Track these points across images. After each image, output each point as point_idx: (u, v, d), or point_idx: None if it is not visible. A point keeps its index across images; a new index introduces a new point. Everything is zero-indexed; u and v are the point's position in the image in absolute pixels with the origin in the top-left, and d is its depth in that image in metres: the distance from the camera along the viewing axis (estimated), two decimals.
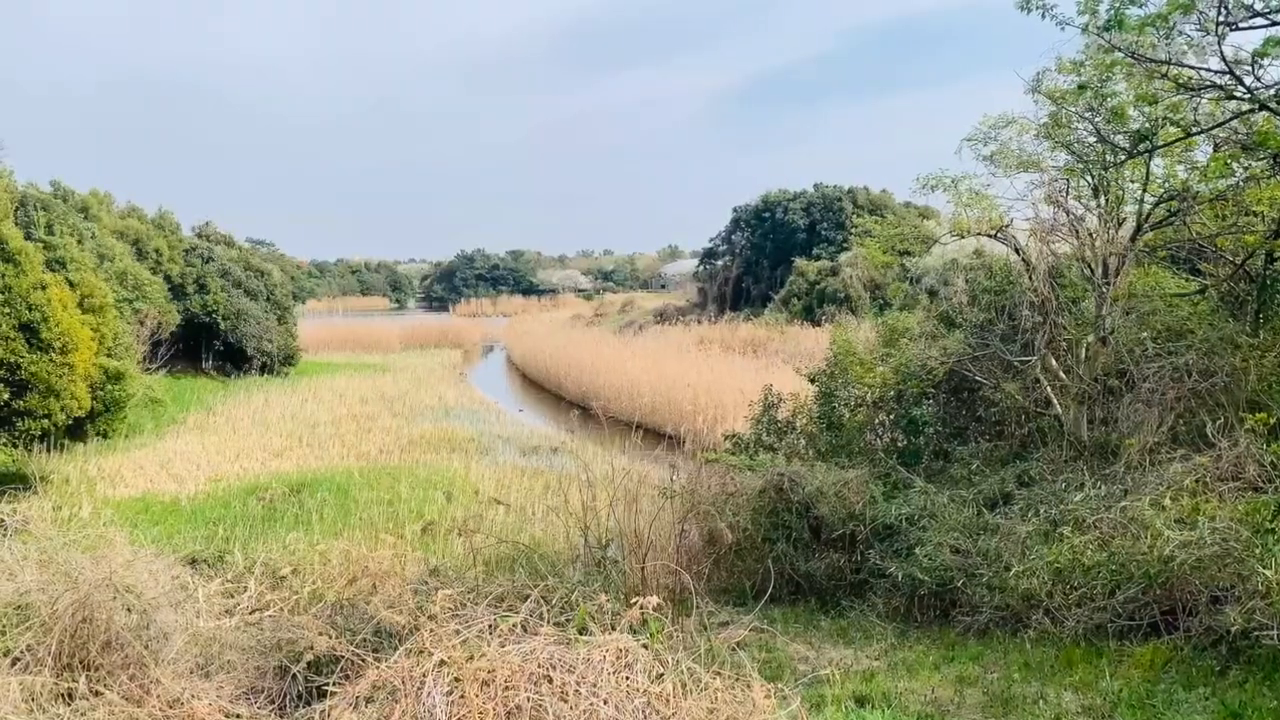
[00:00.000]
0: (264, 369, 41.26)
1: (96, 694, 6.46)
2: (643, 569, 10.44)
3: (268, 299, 43.40)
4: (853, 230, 52.17)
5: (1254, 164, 10.95)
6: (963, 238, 13.36)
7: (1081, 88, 11.25)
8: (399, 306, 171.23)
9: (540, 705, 4.77)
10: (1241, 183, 11.23)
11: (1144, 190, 11.76)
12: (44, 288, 22.55)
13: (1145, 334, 11.38)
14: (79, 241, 30.03)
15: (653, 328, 59.40)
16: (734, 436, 15.49)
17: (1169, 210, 11.82)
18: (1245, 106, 10.07)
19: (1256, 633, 6.86)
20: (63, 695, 6.49)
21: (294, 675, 6.74)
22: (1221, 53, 9.49)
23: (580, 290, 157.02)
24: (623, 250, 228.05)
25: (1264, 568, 7.06)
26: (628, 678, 4.97)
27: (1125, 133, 11.29)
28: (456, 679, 4.92)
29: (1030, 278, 12.31)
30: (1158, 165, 11.78)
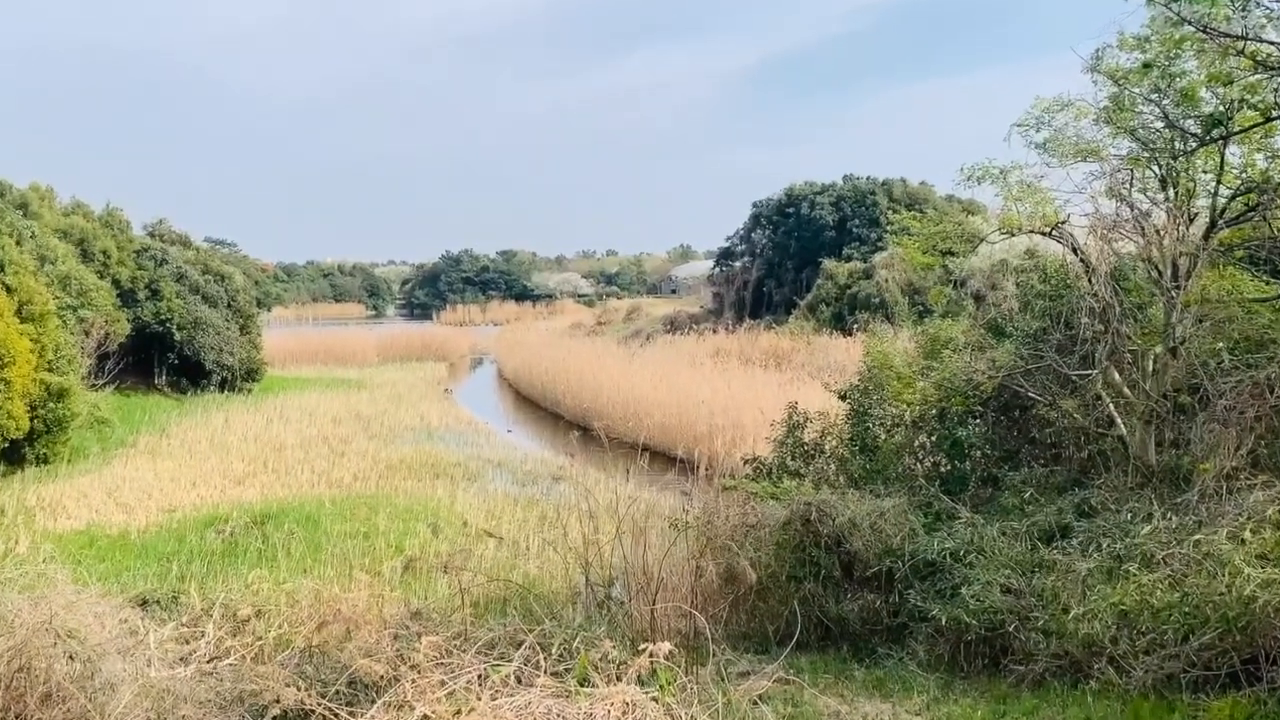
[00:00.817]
0: (224, 385, 41.39)
1: None
2: (652, 611, 10.43)
3: (229, 306, 43.59)
4: (888, 228, 52.16)
5: None
6: (1013, 236, 13.36)
7: (1146, 66, 11.27)
8: (376, 314, 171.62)
9: None
10: None
11: (1218, 182, 11.75)
12: None
13: (1221, 344, 11.35)
14: (17, 242, 30.26)
15: (662, 337, 59.48)
16: (755, 461, 15.50)
17: (1247, 204, 11.81)
18: None
19: None
20: None
21: None
22: None
23: (580, 295, 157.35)
24: (628, 251, 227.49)
25: None
26: None
27: (1196, 117, 11.30)
28: None
29: (1090, 281, 12.30)
30: (1234, 153, 11.78)
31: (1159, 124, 11.77)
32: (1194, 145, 11.44)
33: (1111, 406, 11.98)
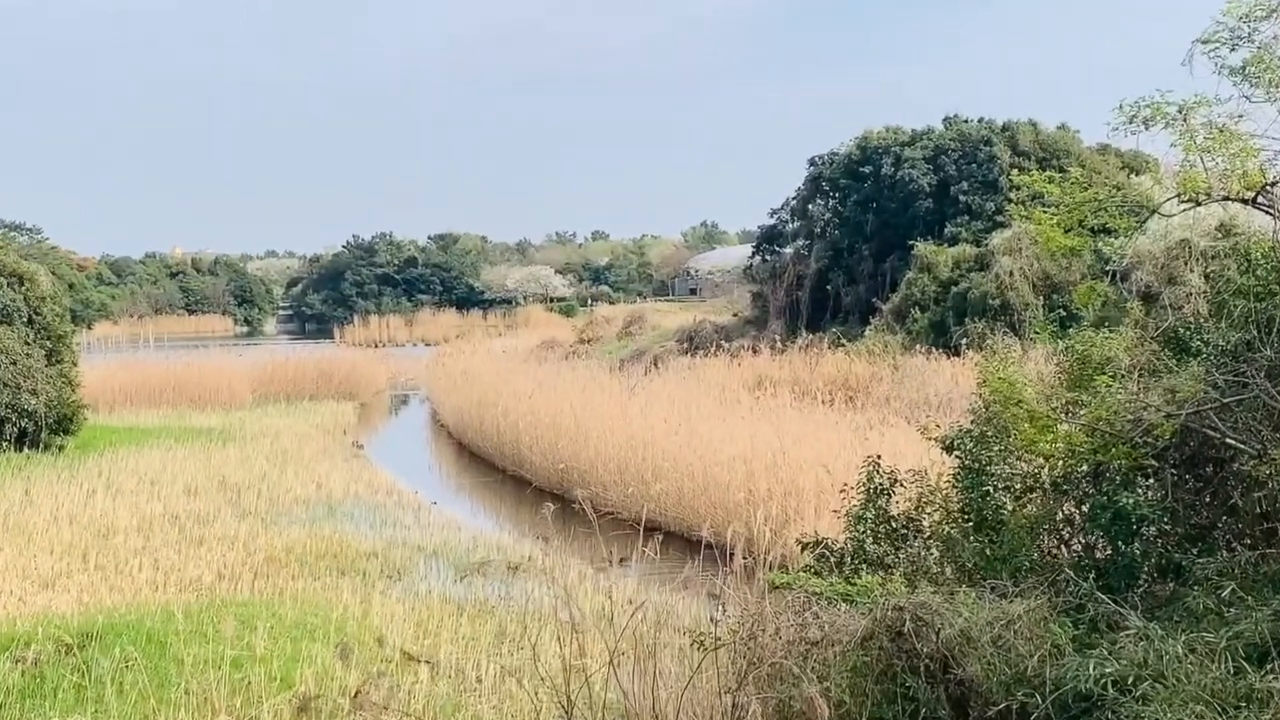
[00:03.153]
0: (23, 440, 41.35)
1: None
2: None
3: (28, 323, 43.66)
4: (1012, 194, 52.39)
5: None
6: (1198, 205, 13.37)
7: None
8: (250, 331, 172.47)
9: None
10: None
11: None
12: None
13: None
14: None
15: (677, 360, 59.52)
16: (818, 545, 15.44)
17: None
18: None
19: None
20: None
21: None
22: None
23: (555, 299, 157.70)
24: (625, 232, 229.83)
25: None
26: None
27: None
28: None
29: None
30: None
31: None
32: None
33: None
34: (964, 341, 47.67)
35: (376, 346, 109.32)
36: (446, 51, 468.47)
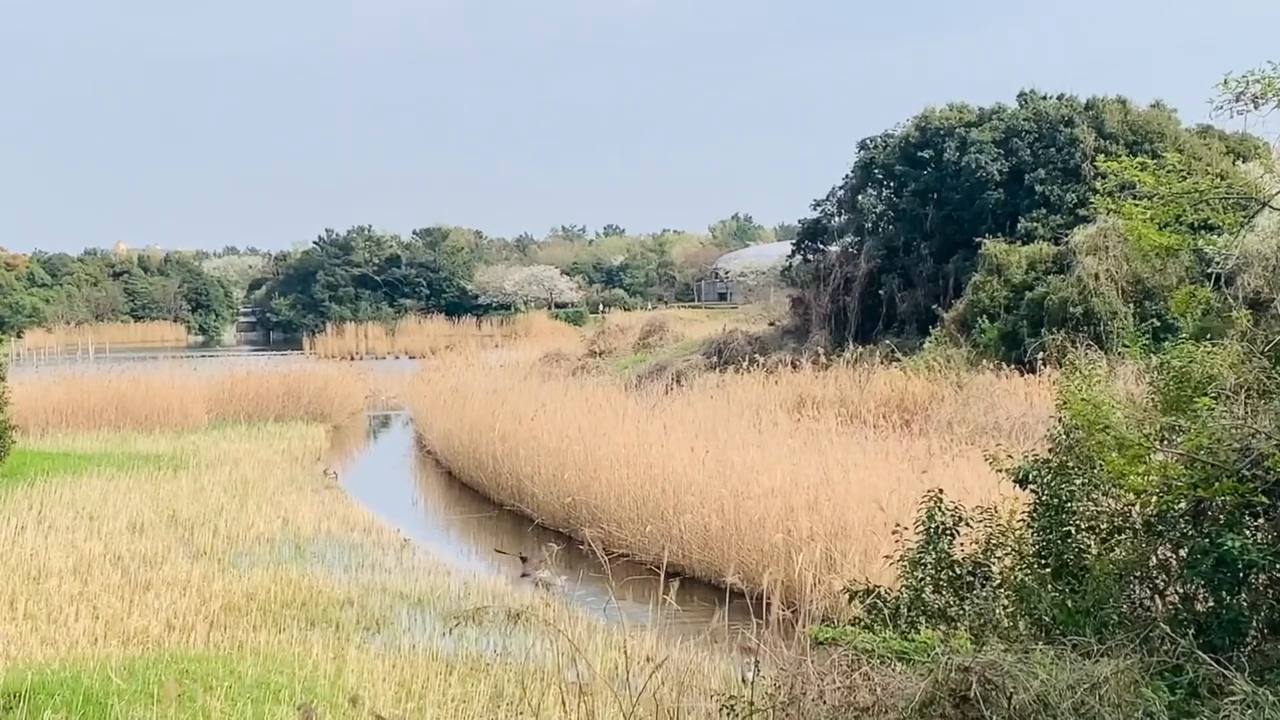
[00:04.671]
0: None
1: None
2: None
3: None
4: (1097, 183, 52.27)
5: None
6: None
7: None
8: (207, 340, 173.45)
9: None
10: None
11: None
12: None
13: None
14: None
15: (703, 377, 59.52)
16: (869, 594, 15.41)
17: None
18: None
19: None
20: None
21: None
22: None
23: (561, 305, 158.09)
24: (642, 227, 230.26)
25: None
26: None
27: None
28: None
29: None
30: None
31: None
32: None
33: None
34: (1040, 356, 47.57)
35: (353, 359, 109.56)
36: (436, 15, 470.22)
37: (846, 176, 73.58)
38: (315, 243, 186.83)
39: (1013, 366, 49.12)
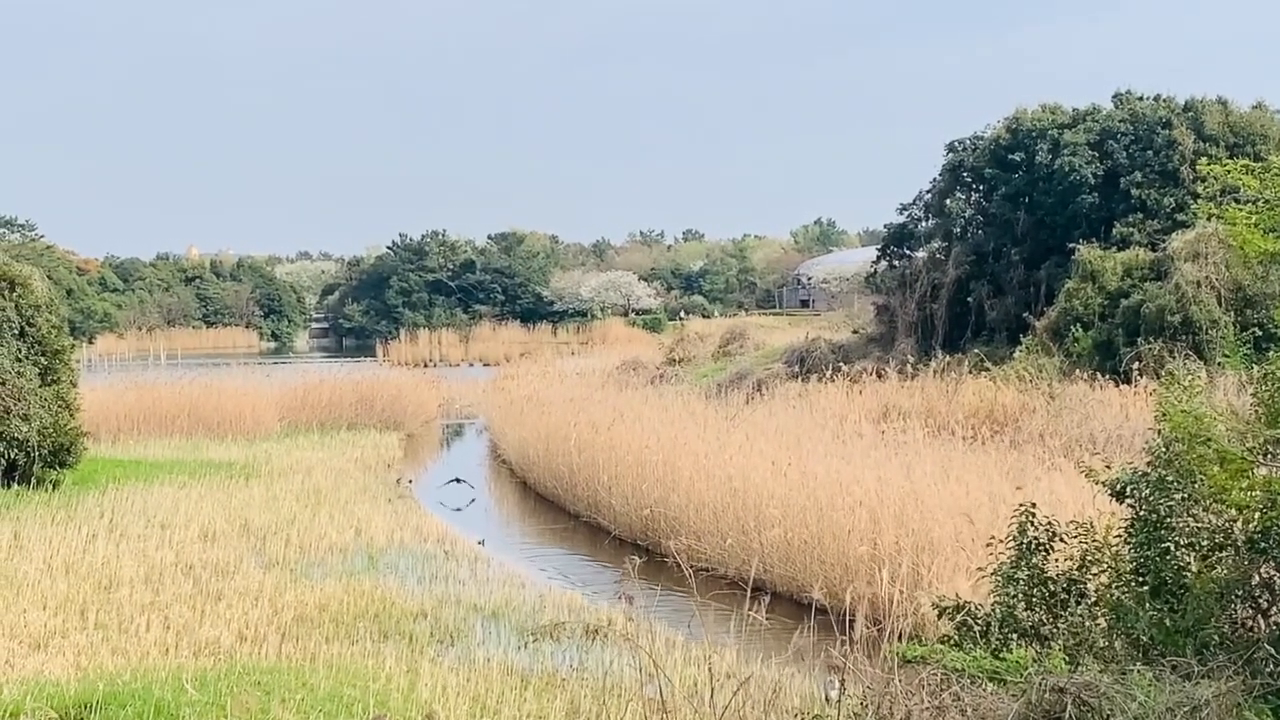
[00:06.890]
0: (12, 474, 41.98)
1: None
2: None
3: (20, 335, 44.33)
4: (1196, 188, 51.69)
5: None
6: None
7: None
8: (279, 346, 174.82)
9: None
10: None
11: None
12: None
13: None
14: None
15: (785, 386, 59.32)
16: (959, 610, 15.30)
17: None
18: None
19: None
20: None
21: None
22: None
23: (639, 312, 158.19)
24: (721, 232, 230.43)
25: None
26: None
27: None
28: None
29: None
30: None
31: None
32: None
33: None
34: (1136, 366, 47.03)
35: (426, 366, 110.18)
36: (508, 11, 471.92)
37: (934, 180, 73.18)
38: (389, 248, 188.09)
39: (1107, 377, 48.61)
